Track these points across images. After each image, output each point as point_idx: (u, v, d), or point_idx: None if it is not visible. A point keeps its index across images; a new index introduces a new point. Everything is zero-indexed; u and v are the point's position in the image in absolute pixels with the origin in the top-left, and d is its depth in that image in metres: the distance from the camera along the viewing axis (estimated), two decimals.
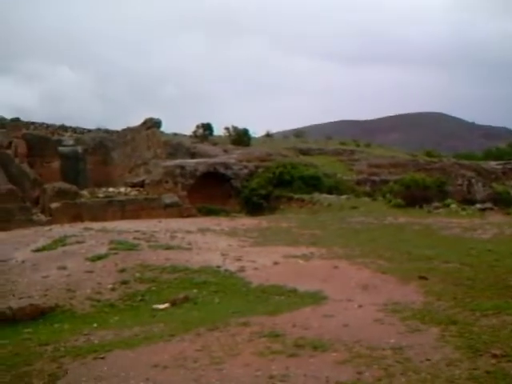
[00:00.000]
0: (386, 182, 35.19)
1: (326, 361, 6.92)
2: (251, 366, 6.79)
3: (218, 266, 13.16)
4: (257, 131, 51.53)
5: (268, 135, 55.01)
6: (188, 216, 27.48)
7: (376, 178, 37.97)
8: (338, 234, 18.84)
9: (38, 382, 6.75)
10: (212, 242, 16.79)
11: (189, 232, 18.69)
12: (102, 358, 7.45)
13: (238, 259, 13.93)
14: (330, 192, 31.68)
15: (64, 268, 13.09)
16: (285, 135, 63.04)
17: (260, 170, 33.96)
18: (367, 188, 36.03)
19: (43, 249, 15.61)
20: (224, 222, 22.66)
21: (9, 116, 41.35)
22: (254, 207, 31.27)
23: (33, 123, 44.58)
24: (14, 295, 11.72)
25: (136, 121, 37.14)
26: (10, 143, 33.38)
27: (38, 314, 10.50)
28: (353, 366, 6.73)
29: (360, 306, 9.71)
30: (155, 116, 35.82)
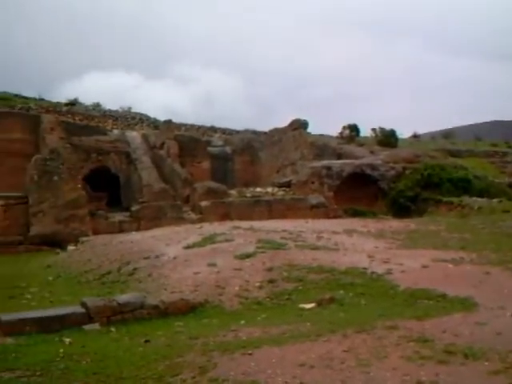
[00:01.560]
0: None
1: (478, 370, 6.65)
2: (399, 370, 6.66)
3: (365, 268, 13.03)
4: (404, 132, 50.64)
5: (415, 136, 53.93)
6: (334, 217, 27.42)
7: None
8: (489, 238, 18.09)
9: (189, 373, 6.96)
10: (358, 244, 16.65)
11: (335, 233, 18.64)
12: (250, 354, 7.56)
13: (385, 261, 13.73)
14: (480, 195, 30.51)
15: (213, 265, 13.45)
16: (432, 136, 61.47)
17: (407, 172, 33.28)
18: None
19: (194, 246, 16.08)
20: (370, 224, 22.40)
21: (162, 118, 43.05)
22: (400, 209, 30.69)
23: (184, 125, 46.11)
24: (166, 289, 12.22)
25: (283, 122, 37.48)
26: (163, 144, 34.69)
27: (188, 309, 10.87)
28: (506, 376, 6.41)
29: None
30: (302, 117, 36.03)
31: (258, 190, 31.54)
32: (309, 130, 36.90)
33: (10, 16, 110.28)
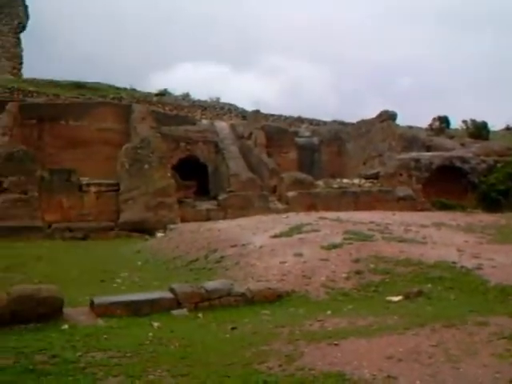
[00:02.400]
0: None
1: None
2: (490, 368, 6.49)
3: (454, 262, 12.73)
4: (496, 124, 49.09)
5: (508, 128, 52.27)
6: (421, 210, 26.96)
7: None
8: None
9: (275, 361, 7.00)
10: (447, 237, 16.29)
11: (423, 226, 18.29)
12: (336, 345, 7.54)
13: (475, 256, 13.38)
14: None
15: (300, 255, 13.45)
16: None
17: (499, 165, 32.36)
18: None
19: (280, 235, 16.10)
20: (459, 218, 21.89)
21: (250, 108, 43.31)
22: (491, 203, 29.87)
23: (272, 115, 46.27)
24: (252, 278, 12.32)
25: (370, 113, 37.16)
26: (251, 134, 34.94)
27: (274, 298, 10.93)
28: None
29: None
30: (390, 108, 35.66)
31: (345, 181, 31.37)
32: (397, 121, 36.46)
33: (102, 9, 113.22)
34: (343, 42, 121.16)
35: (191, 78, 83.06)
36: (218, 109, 46.84)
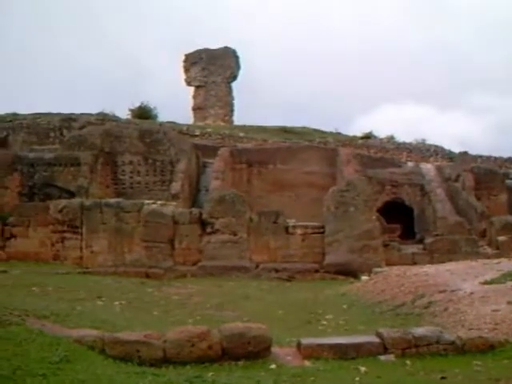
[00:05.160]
0: None
1: None
2: None
3: None
4: None
5: None
6: None
7: None
8: None
9: None
10: None
11: None
12: None
13: None
14: None
15: None
16: None
17: None
18: None
19: (491, 282, 15.38)
20: None
21: (457, 149, 42.28)
22: None
23: (480, 156, 44.77)
24: (463, 326, 11.84)
25: None
26: (458, 176, 34.00)
27: (486, 348, 10.37)
28: None
29: None
30: None
31: None
32: None
33: (304, 56, 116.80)
34: None
35: (395, 120, 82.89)
36: (423, 151, 46.18)
